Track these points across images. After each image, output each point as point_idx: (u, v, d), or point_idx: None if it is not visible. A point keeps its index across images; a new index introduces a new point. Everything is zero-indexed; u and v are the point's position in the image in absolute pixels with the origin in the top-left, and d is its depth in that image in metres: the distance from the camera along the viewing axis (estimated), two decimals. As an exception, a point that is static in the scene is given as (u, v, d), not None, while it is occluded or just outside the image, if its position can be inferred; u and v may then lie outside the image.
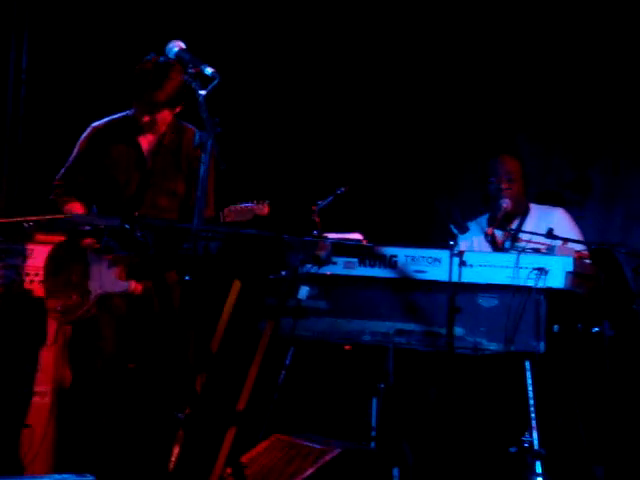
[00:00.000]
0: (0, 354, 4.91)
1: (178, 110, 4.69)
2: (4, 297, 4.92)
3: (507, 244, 5.09)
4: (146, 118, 4.66)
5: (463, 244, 5.09)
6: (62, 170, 4.84)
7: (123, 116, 4.79)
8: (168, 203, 4.71)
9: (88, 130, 4.82)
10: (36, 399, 4.96)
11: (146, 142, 4.75)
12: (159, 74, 4.57)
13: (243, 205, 4.63)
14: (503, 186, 5.17)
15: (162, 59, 4.60)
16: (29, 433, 4.91)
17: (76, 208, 4.70)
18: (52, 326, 4.90)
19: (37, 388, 4.97)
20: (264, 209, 4.60)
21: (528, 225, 5.18)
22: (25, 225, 4.55)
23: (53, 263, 4.67)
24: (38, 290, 4.90)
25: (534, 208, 5.30)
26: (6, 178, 6.08)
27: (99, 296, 4.55)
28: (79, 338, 4.73)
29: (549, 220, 5.10)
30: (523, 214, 5.25)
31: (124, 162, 4.72)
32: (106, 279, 4.55)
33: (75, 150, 4.82)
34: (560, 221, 5.16)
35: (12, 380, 4.93)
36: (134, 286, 4.54)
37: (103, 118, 4.84)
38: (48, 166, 5.96)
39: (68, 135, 5.91)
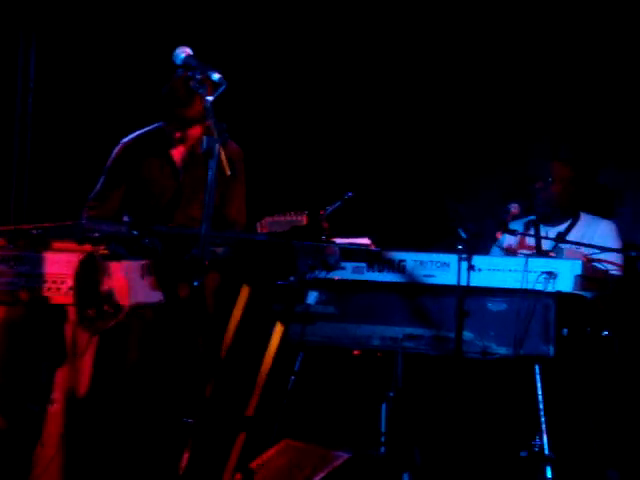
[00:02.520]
0: (16, 361, 4.90)
1: (208, 123, 4.70)
2: (18, 304, 4.91)
3: (549, 247, 5.10)
4: (177, 134, 4.69)
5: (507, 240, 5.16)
6: (95, 190, 4.83)
7: (152, 129, 4.81)
8: (200, 213, 4.71)
9: (118, 147, 4.83)
10: (51, 407, 4.95)
11: (178, 154, 4.78)
12: (189, 92, 4.57)
13: (280, 216, 4.61)
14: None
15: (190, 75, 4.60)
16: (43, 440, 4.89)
17: None
18: (81, 336, 4.84)
19: (53, 396, 4.95)
20: (302, 220, 4.59)
21: (575, 232, 5.24)
22: (34, 232, 4.55)
23: (82, 273, 4.63)
24: (56, 298, 4.90)
25: (584, 217, 5.36)
26: (15, 186, 6.10)
27: (132, 307, 4.53)
28: (104, 347, 4.71)
29: (594, 229, 5.19)
30: (573, 220, 5.30)
31: (158, 175, 4.76)
32: (139, 289, 4.53)
33: (107, 169, 4.82)
34: (604, 232, 5.22)
35: (27, 389, 4.92)
36: (162, 296, 4.53)
37: (130, 133, 4.84)
38: (57, 175, 6.01)
39: (77, 144, 5.96)
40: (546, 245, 5.22)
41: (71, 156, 5.94)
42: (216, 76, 3.82)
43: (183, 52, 3.93)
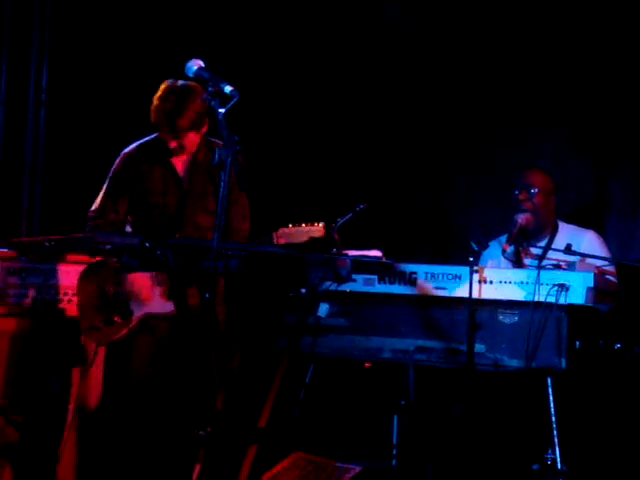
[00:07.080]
0: (28, 373, 4.90)
1: (205, 130, 4.70)
2: (29, 315, 4.91)
3: (532, 262, 5.01)
4: (173, 144, 4.67)
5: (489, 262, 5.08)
6: (97, 201, 4.81)
7: (151, 139, 4.79)
8: (207, 221, 4.71)
9: (119, 157, 4.81)
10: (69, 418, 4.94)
11: (180, 163, 4.76)
12: (178, 101, 4.57)
13: (297, 227, 4.56)
14: (521, 197, 5.11)
15: (180, 84, 4.60)
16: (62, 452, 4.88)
17: None
18: (90, 346, 4.83)
19: (69, 406, 4.95)
20: (321, 231, 4.57)
21: (557, 244, 5.07)
22: (46, 244, 4.57)
23: (88, 282, 4.62)
24: (69, 309, 4.89)
25: (563, 227, 5.19)
26: (27, 199, 6.11)
27: (143, 317, 4.52)
28: (114, 358, 4.70)
29: (579, 241, 5.02)
30: (552, 232, 5.17)
31: (161, 185, 4.74)
32: (150, 299, 4.52)
33: (109, 179, 4.81)
34: (591, 243, 5.05)
35: (42, 399, 4.91)
36: (173, 306, 4.53)
37: (131, 143, 4.83)
38: (68, 187, 6.03)
39: (89, 156, 5.98)
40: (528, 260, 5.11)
41: (83, 166, 5.96)
42: (228, 88, 3.83)
43: (195, 65, 3.94)
